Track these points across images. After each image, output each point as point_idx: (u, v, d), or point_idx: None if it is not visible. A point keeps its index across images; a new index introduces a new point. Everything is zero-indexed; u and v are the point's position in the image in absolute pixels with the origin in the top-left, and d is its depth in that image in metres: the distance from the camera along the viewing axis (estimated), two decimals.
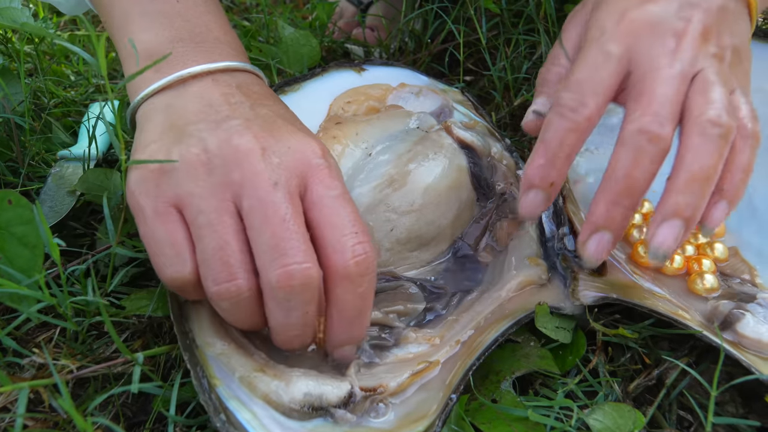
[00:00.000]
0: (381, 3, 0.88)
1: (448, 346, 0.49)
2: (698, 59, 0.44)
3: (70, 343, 0.48)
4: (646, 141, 0.42)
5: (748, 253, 0.56)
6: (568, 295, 0.52)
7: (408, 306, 0.52)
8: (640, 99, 0.43)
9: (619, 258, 0.55)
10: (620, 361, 0.50)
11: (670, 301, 0.51)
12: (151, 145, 0.43)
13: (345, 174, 0.55)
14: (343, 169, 0.55)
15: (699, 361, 0.50)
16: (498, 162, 0.61)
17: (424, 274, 0.55)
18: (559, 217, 0.58)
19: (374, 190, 0.55)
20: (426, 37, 0.81)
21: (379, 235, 0.54)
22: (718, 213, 0.44)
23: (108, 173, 0.58)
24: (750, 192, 0.59)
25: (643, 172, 0.42)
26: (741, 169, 0.44)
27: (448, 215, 0.56)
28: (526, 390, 0.49)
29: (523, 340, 0.51)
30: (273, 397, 0.42)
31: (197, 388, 0.40)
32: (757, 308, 0.49)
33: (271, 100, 0.47)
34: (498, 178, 0.61)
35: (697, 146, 0.42)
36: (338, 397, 0.43)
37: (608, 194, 0.43)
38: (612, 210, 0.43)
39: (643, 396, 0.48)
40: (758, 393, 0.47)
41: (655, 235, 0.43)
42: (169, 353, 0.48)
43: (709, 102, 0.42)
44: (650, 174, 0.42)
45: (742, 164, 0.44)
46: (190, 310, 0.45)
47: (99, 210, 0.62)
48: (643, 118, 0.42)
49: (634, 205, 0.43)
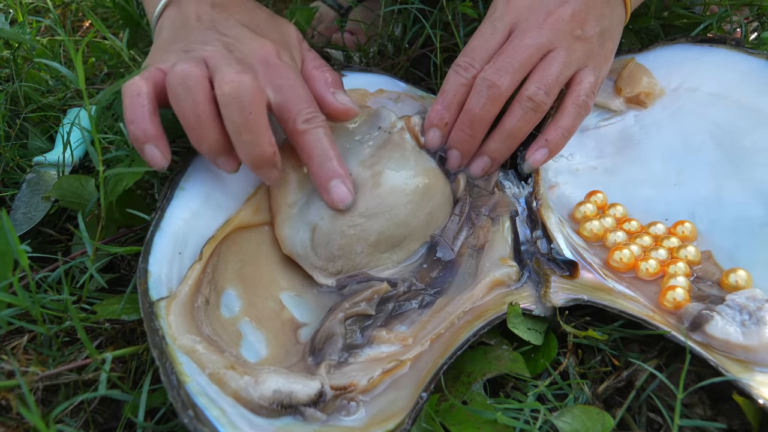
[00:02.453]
0: (360, 7, 0.89)
1: (420, 345, 0.49)
2: (558, 38, 0.56)
3: (41, 349, 0.48)
4: (486, 87, 0.55)
5: (720, 257, 0.57)
6: (539, 298, 0.52)
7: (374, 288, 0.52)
8: (497, 57, 0.56)
9: (592, 262, 0.56)
10: (591, 363, 0.50)
11: (640, 302, 0.51)
12: None
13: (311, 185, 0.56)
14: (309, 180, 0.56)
15: (669, 362, 0.50)
16: None
17: (397, 274, 0.56)
18: (534, 222, 0.59)
19: None
20: (404, 42, 0.81)
21: (349, 240, 0.54)
22: (538, 155, 0.59)
23: (83, 180, 0.58)
24: (721, 195, 0.60)
25: (482, 110, 0.56)
26: (564, 128, 0.58)
27: (418, 215, 0.56)
28: (497, 392, 0.49)
29: (496, 343, 0.51)
30: (242, 393, 0.42)
31: (166, 385, 0.40)
32: (726, 309, 0.50)
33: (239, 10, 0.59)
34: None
35: (513, 112, 0.57)
36: (308, 395, 0.43)
37: (458, 123, 0.58)
38: (458, 134, 0.58)
39: (613, 398, 0.49)
40: (727, 394, 0.47)
41: (471, 166, 0.60)
42: (141, 359, 0.48)
43: (537, 81, 0.56)
44: (488, 113, 0.56)
45: (566, 125, 0.58)
46: (162, 308, 0.46)
47: (75, 216, 0.62)
48: (489, 69, 0.56)
49: (475, 134, 0.57)
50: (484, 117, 0.56)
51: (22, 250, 0.41)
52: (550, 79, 0.56)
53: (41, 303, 0.46)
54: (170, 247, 0.50)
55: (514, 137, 0.58)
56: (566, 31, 0.56)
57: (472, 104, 0.56)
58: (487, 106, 0.56)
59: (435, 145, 0.60)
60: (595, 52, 0.59)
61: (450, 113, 0.58)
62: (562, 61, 0.56)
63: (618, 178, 0.65)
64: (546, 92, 0.56)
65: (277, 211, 0.56)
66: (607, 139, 0.67)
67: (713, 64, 0.66)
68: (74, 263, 0.52)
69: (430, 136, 0.60)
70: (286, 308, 0.53)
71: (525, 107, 0.56)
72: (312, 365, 0.47)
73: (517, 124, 0.57)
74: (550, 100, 0.56)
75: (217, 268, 0.52)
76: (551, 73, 0.56)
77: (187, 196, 0.54)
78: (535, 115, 0.56)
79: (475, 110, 0.56)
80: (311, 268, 0.55)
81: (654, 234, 0.59)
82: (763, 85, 0.64)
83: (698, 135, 0.65)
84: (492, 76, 0.55)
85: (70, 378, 0.46)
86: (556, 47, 0.56)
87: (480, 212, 0.59)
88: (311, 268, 0.55)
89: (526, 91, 0.56)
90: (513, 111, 0.57)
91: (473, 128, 0.57)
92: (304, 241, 0.55)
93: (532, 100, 0.56)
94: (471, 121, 0.57)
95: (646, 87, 0.67)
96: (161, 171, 0.51)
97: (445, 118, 0.59)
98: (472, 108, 0.56)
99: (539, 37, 0.56)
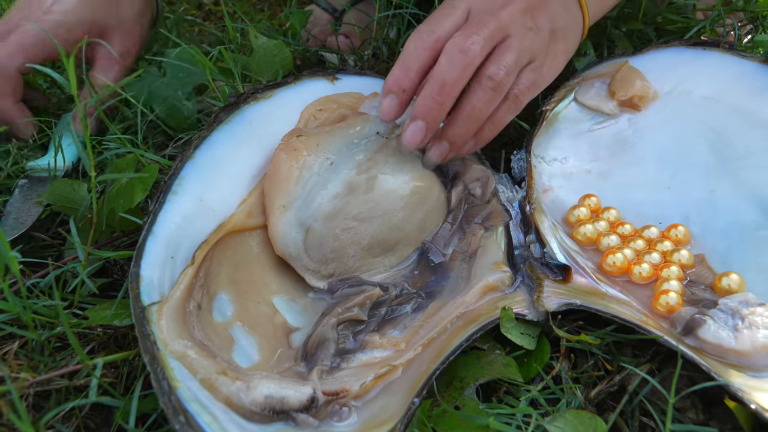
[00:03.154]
0: (354, 11, 0.89)
1: (413, 350, 0.49)
2: (512, 25, 0.56)
3: (33, 354, 0.48)
4: (458, 50, 0.53)
5: (713, 261, 0.57)
6: (532, 302, 0.52)
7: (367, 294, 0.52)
8: (465, 27, 0.55)
9: (585, 266, 0.56)
10: (583, 367, 0.50)
11: (632, 306, 0.51)
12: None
13: (306, 185, 0.56)
14: (305, 180, 0.56)
15: (662, 366, 0.50)
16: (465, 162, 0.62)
17: (389, 278, 0.56)
18: (527, 226, 0.59)
19: (335, 199, 0.55)
20: (399, 45, 0.81)
21: (342, 243, 0.54)
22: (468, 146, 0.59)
23: (76, 185, 0.58)
24: (714, 198, 0.60)
25: (453, 74, 0.53)
26: (494, 122, 0.57)
27: (412, 220, 0.56)
28: (489, 397, 0.49)
29: (488, 347, 0.51)
30: (234, 399, 0.42)
31: (157, 391, 0.40)
32: (719, 314, 0.50)
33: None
34: (468, 178, 0.61)
35: (473, 92, 0.55)
36: (300, 401, 0.43)
37: (425, 90, 0.54)
38: (426, 102, 0.54)
39: (605, 402, 0.49)
40: (720, 398, 0.47)
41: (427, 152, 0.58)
42: (133, 365, 0.48)
43: (496, 62, 0.55)
44: (460, 78, 0.53)
45: (499, 118, 0.58)
46: (153, 312, 0.45)
47: (68, 220, 0.61)
48: (459, 35, 0.54)
49: (444, 101, 0.54)
50: (456, 83, 0.53)
51: (12, 257, 0.41)
52: (509, 62, 0.55)
53: (32, 309, 0.46)
54: (162, 252, 0.50)
55: (474, 119, 0.56)
56: (520, 22, 0.56)
57: (443, 68, 0.53)
58: (458, 71, 0.53)
59: (390, 115, 0.57)
60: (545, 48, 0.58)
61: (409, 80, 0.55)
62: (518, 47, 0.55)
63: (612, 181, 0.65)
64: (506, 73, 0.55)
65: (270, 211, 0.56)
66: (601, 142, 0.67)
67: (706, 67, 0.66)
68: (66, 268, 0.52)
69: (386, 105, 0.56)
70: (278, 312, 0.53)
71: (485, 86, 0.54)
72: (304, 371, 0.47)
73: (478, 105, 0.55)
74: (509, 80, 0.55)
75: (210, 273, 0.52)
76: (509, 57, 0.55)
77: (179, 200, 0.54)
78: (494, 95, 0.55)
79: (446, 75, 0.53)
80: (303, 270, 0.55)
81: (647, 237, 0.59)
82: (756, 88, 0.64)
83: (692, 138, 0.65)
84: (464, 41, 0.53)
85: (61, 384, 0.46)
86: (512, 34, 0.56)
87: (472, 221, 0.59)
88: (303, 270, 0.55)
89: (486, 70, 0.55)
90: (472, 90, 0.55)
91: (443, 94, 0.53)
92: (297, 243, 0.55)
93: (492, 79, 0.54)
94: (441, 87, 0.53)
95: (639, 90, 0.67)
96: None
97: (404, 84, 0.55)
98: (442, 72, 0.53)
99: (498, 20, 0.55)
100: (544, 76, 0.59)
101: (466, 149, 0.59)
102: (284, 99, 0.64)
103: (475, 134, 0.58)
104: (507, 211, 0.60)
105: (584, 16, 0.63)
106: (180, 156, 0.56)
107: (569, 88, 0.69)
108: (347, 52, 0.85)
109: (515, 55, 0.55)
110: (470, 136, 0.57)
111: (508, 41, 0.56)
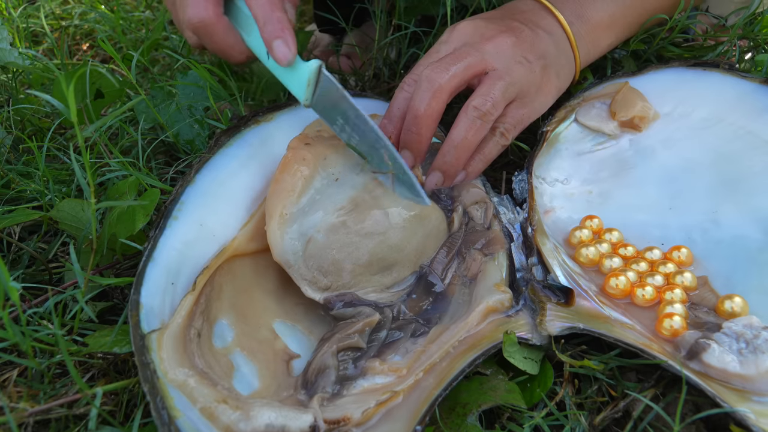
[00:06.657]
0: (355, 32, 0.89)
1: (414, 376, 0.49)
2: (499, 57, 0.58)
3: (32, 383, 0.48)
4: (425, 81, 0.56)
5: (716, 283, 0.57)
6: (535, 326, 0.52)
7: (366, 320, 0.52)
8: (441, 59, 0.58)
9: (588, 288, 0.55)
10: (587, 392, 0.50)
11: (636, 330, 0.51)
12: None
13: (311, 197, 0.56)
14: (310, 192, 0.56)
15: (666, 391, 0.50)
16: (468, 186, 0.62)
17: (386, 298, 0.55)
18: (529, 248, 0.58)
19: (338, 212, 0.55)
20: (400, 65, 0.81)
21: (341, 257, 0.54)
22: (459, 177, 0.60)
23: (85, 205, 0.58)
24: (717, 219, 0.60)
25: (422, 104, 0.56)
26: (483, 154, 0.60)
27: (412, 241, 0.56)
28: (492, 424, 0.48)
29: (491, 372, 0.51)
30: (234, 429, 0.42)
31: (156, 421, 0.40)
32: (723, 338, 0.49)
33: None
34: (466, 201, 0.61)
35: (461, 122, 0.57)
36: (301, 429, 0.43)
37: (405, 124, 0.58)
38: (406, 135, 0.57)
39: (610, 428, 0.48)
40: (725, 424, 0.47)
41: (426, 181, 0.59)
42: (133, 392, 0.48)
43: (482, 94, 0.57)
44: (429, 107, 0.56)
45: (486, 152, 0.60)
46: (153, 340, 0.45)
47: (68, 242, 0.61)
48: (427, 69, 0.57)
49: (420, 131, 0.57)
50: (427, 112, 0.56)
51: (12, 287, 0.41)
52: (496, 94, 0.57)
53: (32, 336, 0.46)
54: (163, 278, 0.50)
55: (462, 148, 0.58)
56: (508, 54, 0.59)
57: (415, 102, 0.56)
58: (427, 100, 0.56)
59: None
60: (537, 82, 0.60)
61: (392, 124, 0.59)
62: (506, 80, 0.58)
63: (613, 202, 0.64)
64: (492, 104, 0.57)
65: (270, 216, 0.55)
66: (603, 162, 0.67)
67: (707, 88, 0.66)
68: (66, 295, 0.52)
69: None
70: (279, 337, 0.53)
71: (471, 116, 0.57)
72: (305, 398, 0.47)
73: (464, 134, 0.57)
74: (496, 111, 0.57)
75: (211, 298, 0.52)
76: (497, 88, 0.57)
77: (180, 225, 0.54)
78: (482, 124, 0.57)
79: (418, 107, 0.56)
80: (300, 279, 0.54)
81: (650, 259, 0.58)
82: (757, 108, 0.64)
83: (693, 159, 0.64)
84: (430, 73, 0.56)
85: (60, 413, 0.45)
86: (498, 67, 0.58)
87: (472, 247, 0.59)
88: (300, 279, 0.54)
89: (471, 101, 0.57)
90: (459, 121, 0.57)
91: (417, 125, 0.57)
92: (297, 251, 0.54)
93: (478, 109, 0.57)
94: (414, 118, 0.56)
95: (640, 111, 0.67)
96: None
97: (389, 129, 0.59)
98: (414, 106, 0.56)
99: (481, 53, 0.58)
100: (532, 112, 0.62)
101: (459, 179, 0.60)
102: (285, 122, 0.65)
103: (465, 165, 0.60)
104: (508, 234, 0.60)
105: (575, 58, 0.65)
106: (181, 180, 0.56)
107: (570, 108, 0.69)
108: (348, 72, 0.86)
109: (503, 87, 0.57)
110: (461, 165, 0.59)
111: (496, 72, 0.58)
